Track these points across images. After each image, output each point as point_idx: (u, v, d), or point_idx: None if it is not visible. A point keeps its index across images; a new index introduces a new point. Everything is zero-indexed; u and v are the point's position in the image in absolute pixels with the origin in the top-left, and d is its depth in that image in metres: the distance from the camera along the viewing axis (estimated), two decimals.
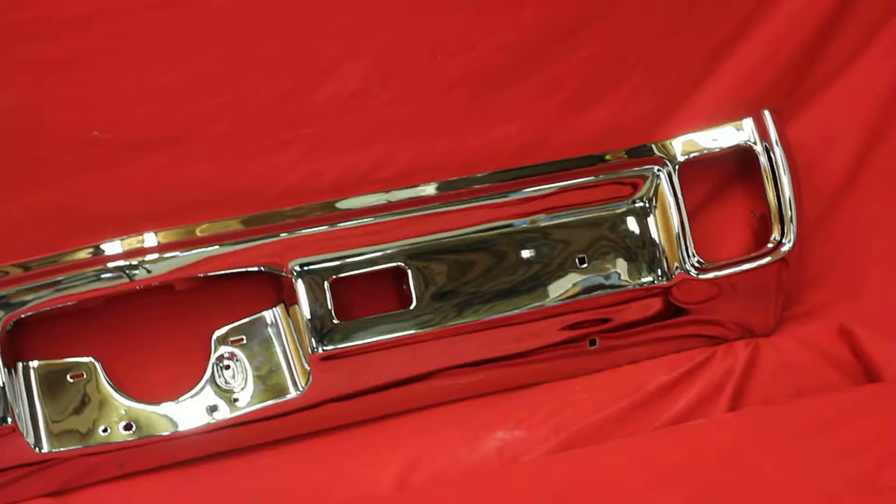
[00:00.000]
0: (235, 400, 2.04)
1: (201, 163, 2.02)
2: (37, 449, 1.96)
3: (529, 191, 2.11)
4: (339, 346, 2.01)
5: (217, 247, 1.98)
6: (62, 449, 1.97)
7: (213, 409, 2.03)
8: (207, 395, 2.04)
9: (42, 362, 2.02)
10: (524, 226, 2.12)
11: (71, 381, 2.02)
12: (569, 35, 2.12)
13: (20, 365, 2.00)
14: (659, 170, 2.15)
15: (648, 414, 2.15)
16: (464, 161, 2.11)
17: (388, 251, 2.06)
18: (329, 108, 2.05)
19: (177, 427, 2.01)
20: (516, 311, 2.09)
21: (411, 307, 2.05)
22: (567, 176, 2.12)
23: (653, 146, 2.16)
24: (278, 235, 2.00)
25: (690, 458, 2.00)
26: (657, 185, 2.15)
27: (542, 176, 2.11)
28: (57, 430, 1.99)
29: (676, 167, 2.15)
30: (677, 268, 2.15)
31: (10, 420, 1.92)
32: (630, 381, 2.18)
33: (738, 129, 2.18)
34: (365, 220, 2.04)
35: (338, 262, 2.03)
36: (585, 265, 2.12)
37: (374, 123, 2.07)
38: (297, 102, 2.03)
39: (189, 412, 2.03)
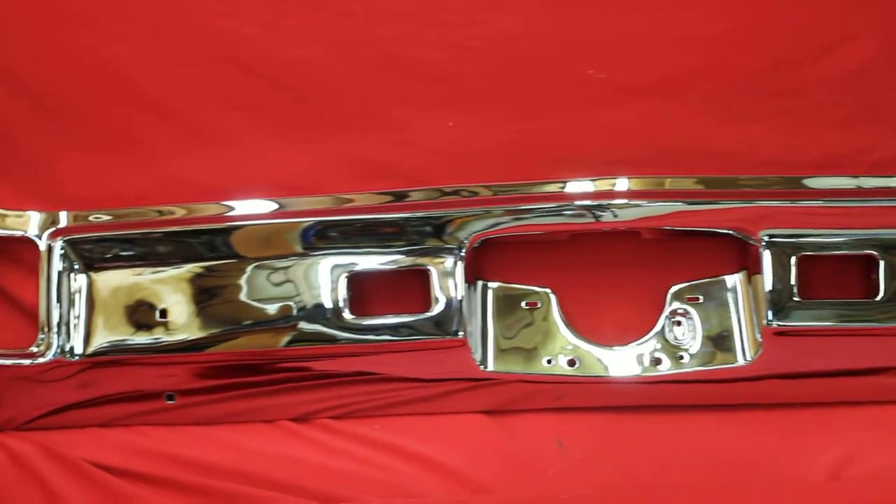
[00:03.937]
0: (680, 357, 2.03)
1: (687, 117, 2.02)
2: (482, 367, 2.01)
3: None
4: (796, 323, 1.97)
5: (684, 203, 1.98)
6: (506, 371, 2.02)
7: (656, 361, 2.03)
8: (654, 347, 2.04)
9: (501, 284, 2.07)
10: None
11: (524, 307, 2.07)
12: None
13: (479, 284, 2.06)
14: None
15: None
16: None
17: (861, 237, 2.00)
18: (824, 83, 2.00)
19: (618, 372, 2.03)
20: None
21: (877, 298, 1.98)
22: None
23: None
24: (752, 202, 1.97)
25: None
26: None
27: None
28: (502, 353, 2.03)
29: None
30: None
31: (461, 334, 1.98)
32: None
33: None
34: (836, 202, 1.99)
35: (808, 240, 1.99)
36: None
37: (867, 106, 2.01)
38: (793, 72, 2.00)
39: (633, 360, 2.04)
